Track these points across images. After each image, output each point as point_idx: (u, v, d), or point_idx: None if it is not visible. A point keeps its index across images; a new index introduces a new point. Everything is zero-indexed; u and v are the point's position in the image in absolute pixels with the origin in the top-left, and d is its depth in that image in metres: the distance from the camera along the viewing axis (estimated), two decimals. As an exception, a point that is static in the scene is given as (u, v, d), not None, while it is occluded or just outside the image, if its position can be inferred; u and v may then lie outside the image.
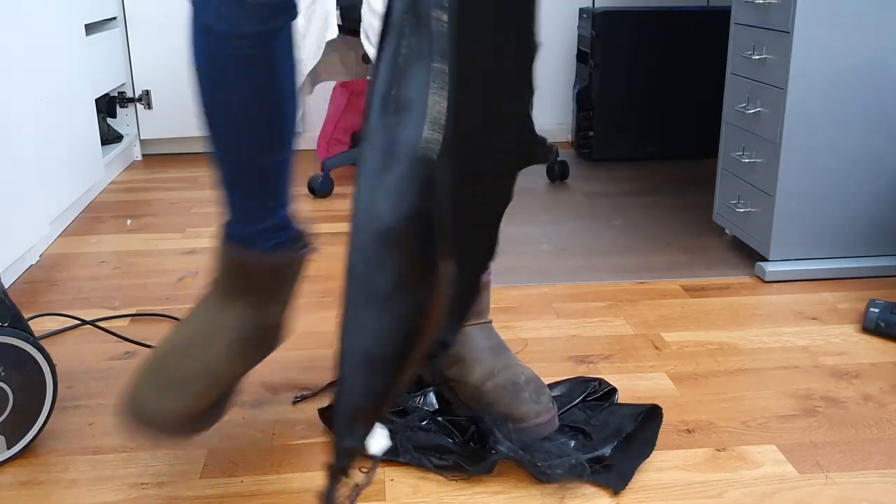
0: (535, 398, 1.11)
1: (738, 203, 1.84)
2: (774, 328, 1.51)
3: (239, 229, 1.00)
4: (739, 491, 1.05)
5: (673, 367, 1.37)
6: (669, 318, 1.56)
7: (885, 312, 1.46)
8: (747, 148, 1.80)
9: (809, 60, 1.61)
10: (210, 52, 0.90)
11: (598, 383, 1.25)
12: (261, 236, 1.00)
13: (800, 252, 1.73)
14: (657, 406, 1.18)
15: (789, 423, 1.20)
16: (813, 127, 1.65)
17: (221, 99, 0.92)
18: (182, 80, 2.80)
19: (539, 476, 1.06)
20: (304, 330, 1.52)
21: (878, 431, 1.18)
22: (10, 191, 1.70)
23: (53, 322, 1.56)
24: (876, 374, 1.34)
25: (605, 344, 1.45)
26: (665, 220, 2.13)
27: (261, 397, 1.29)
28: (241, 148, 0.95)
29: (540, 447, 1.10)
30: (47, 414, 1.14)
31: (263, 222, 1.00)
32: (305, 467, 1.11)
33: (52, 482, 1.08)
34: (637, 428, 1.14)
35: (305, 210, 2.27)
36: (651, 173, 2.58)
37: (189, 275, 1.80)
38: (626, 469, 1.08)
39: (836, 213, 1.71)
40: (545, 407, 1.11)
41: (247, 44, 0.88)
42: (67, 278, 1.79)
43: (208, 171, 2.71)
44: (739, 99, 1.83)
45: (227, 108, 0.93)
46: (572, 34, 2.96)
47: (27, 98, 1.83)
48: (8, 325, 1.10)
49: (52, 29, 2.04)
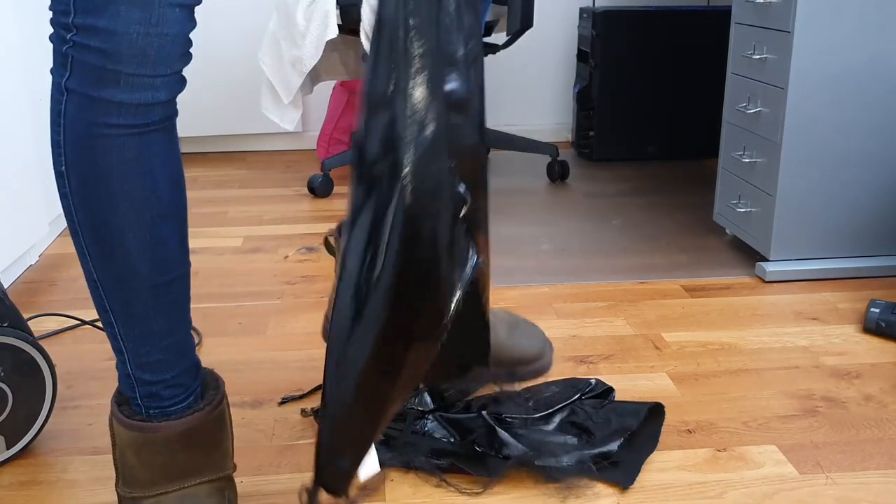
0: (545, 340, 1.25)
1: (739, 203, 1.84)
2: (775, 328, 1.51)
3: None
4: (740, 491, 1.05)
5: (673, 367, 1.37)
6: (670, 318, 1.56)
7: (886, 312, 1.46)
8: (747, 148, 1.80)
9: (809, 60, 1.61)
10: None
11: (595, 383, 1.25)
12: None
13: (800, 252, 1.73)
14: (660, 404, 1.18)
15: (790, 424, 1.20)
16: (813, 127, 1.65)
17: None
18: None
19: (545, 476, 1.06)
20: (303, 330, 1.52)
21: (879, 431, 1.18)
22: (10, 191, 1.70)
23: (53, 322, 1.56)
24: (876, 374, 1.34)
25: (606, 344, 1.45)
26: (665, 220, 2.13)
27: (261, 397, 1.29)
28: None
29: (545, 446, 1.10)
30: (47, 414, 1.14)
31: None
32: (305, 467, 1.11)
33: (52, 482, 1.08)
34: (641, 425, 1.14)
35: (305, 210, 2.27)
36: (651, 173, 2.58)
37: (189, 275, 1.80)
38: (632, 465, 1.08)
39: (836, 213, 1.71)
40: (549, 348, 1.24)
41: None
42: (67, 278, 1.79)
43: (207, 170, 2.71)
44: (740, 99, 1.83)
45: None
46: (572, 34, 2.96)
47: (27, 97, 1.83)
48: (8, 326, 1.10)
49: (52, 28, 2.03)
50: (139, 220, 0.81)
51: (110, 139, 0.78)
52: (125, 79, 0.76)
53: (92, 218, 0.81)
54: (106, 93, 0.76)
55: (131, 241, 0.82)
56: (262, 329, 1.53)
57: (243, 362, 1.39)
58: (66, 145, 0.79)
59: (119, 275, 0.83)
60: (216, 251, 1.95)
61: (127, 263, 0.82)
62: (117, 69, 0.75)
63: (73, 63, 0.77)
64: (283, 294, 1.69)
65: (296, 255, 1.92)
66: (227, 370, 1.37)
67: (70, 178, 0.80)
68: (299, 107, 2.26)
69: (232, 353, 1.43)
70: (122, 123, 0.78)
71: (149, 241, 0.82)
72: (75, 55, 0.76)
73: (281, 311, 1.60)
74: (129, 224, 0.81)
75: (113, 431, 0.89)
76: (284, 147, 3.00)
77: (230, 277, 1.78)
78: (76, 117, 0.78)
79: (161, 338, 0.87)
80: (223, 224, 2.15)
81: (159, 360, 0.88)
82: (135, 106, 0.77)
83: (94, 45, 0.75)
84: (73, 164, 0.79)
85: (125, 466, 0.89)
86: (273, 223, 2.16)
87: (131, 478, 0.89)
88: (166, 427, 0.87)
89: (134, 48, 0.75)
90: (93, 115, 0.77)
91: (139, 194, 0.80)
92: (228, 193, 2.44)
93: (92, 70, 0.76)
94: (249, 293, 1.69)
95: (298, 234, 2.07)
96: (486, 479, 1.07)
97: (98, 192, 0.80)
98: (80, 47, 0.76)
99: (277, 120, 2.26)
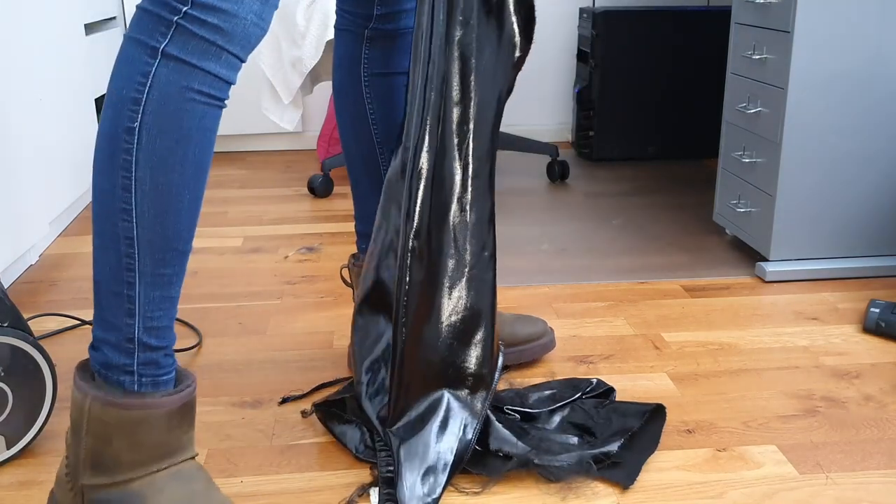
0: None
1: (739, 203, 1.84)
2: (775, 328, 1.51)
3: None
4: (740, 491, 1.05)
5: (673, 367, 1.37)
6: (670, 318, 1.56)
7: (886, 312, 1.46)
8: (747, 148, 1.80)
9: (809, 60, 1.61)
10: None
11: (596, 382, 1.25)
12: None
13: (800, 252, 1.73)
14: (661, 405, 1.18)
15: (790, 424, 1.20)
16: (813, 127, 1.65)
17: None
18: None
19: (545, 475, 1.06)
20: (303, 330, 1.52)
21: (879, 432, 1.18)
22: (10, 191, 1.70)
23: (53, 322, 1.56)
24: (876, 374, 1.34)
25: (606, 344, 1.45)
26: (665, 220, 2.13)
27: (261, 397, 1.29)
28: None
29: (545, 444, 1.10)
30: (47, 414, 1.14)
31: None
32: (305, 467, 1.11)
33: (51, 482, 1.08)
34: (642, 426, 1.14)
35: (306, 210, 2.27)
36: (651, 173, 2.58)
37: (189, 275, 1.80)
38: (633, 465, 1.08)
39: (836, 213, 1.71)
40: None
41: None
42: (67, 278, 1.79)
43: (208, 170, 2.71)
44: (739, 99, 1.83)
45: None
46: (572, 34, 2.96)
47: (27, 98, 1.83)
48: (8, 325, 1.10)
49: (51, 29, 2.04)
50: (196, 184, 0.88)
51: (197, 105, 0.85)
52: (226, 56, 0.85)
53: (155, 175, 0.85)
54: (207, 64, 0.84)
55: (186, 202, 0.87)
56: (262, 329, 1.53)
57: (243, 362, 1.39)
58: (148, 104, 0.84)
59: (164, 233, 0.87)
60: (216, 251, 1.95)
61: (175, 223, 0.87)
62: (225, 47, 0.84)
63: (179, 32, 0.83)
64: (283, 294, 1.69)
65: (296, 255, 1.92)
66: (227, 370, 1.37)
67: (141, 135, 0.84)
68: (299, 107, 2.26)
69: (232, 353, 1.43)
70: (212, 94, 0.86)
71: (195, 206, 0.89)
72: (186, 26, 0.83)
73: (281, 311, 1.60)
74: (189, 186, 0.87)
75: (88, 418, 0.88)
76: (284, 147, 3.00)
77: (230, 277, 1.78)
78: (169, 80, 0.84)
79: (173, 304, 0.91)
80: (223, 224, 2.15)
81: (166, 327, 0.91)
82: (223, 81, 0.86)
83: (213, 21, 0.83)
84: (151, 122, 0.84)
85: (105, 453, 0.88)
86: (273, 223, 2.16)
87: (113, 463, 0.88)
88: (168, 401, 0.88)
89: (244, 32, 0.85)
90: (189, 80, 0.84)
91: (204, 161, 0.88)
92: (228, 193, 2.44)
93: (200, 42, 0.83)
94: (249, 293, 1.69)
95: (298, 234, 2.07)
96: (485, 478, 1.07)
97: (172, 151, 0.85)
98: (193, 20, 0.83)
99: (277, 120, 2.26)
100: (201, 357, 1.42)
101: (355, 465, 1.11)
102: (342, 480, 1.08)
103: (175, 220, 0.87)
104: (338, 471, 1.10)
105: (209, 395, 1.29)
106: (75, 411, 0.89)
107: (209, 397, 1.29)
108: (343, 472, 1.09)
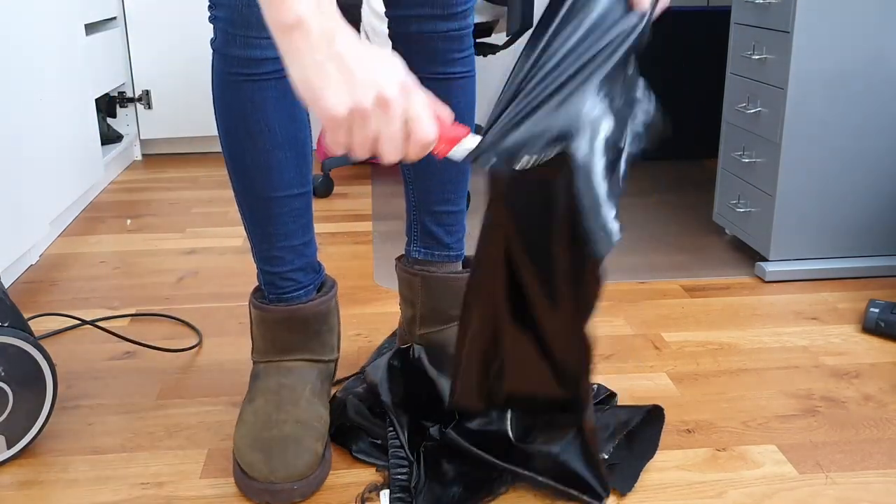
0: None
1: (738, 203, 1.84)
2: (774, 328, 1.51)
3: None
4: (739, 491, 1.05)
5: (673, 367, 1.37)
6: (669, 318, 1.56)
7: (885, 312, 1.46)
8: (747, 148, 1.80)
9: (809, 60, 1.61)
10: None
11: (597, 388, 1.25)
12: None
13: (800, 252, 1.73)
14: (659, 406, 1.18)
15: (789, 423, 1.20)
16: (813, 127, 1.65)
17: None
18: (182, 80, 2.80)
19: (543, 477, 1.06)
20: (304, 330, 1.52)
21: (879, 431, 1.18)
22: (10, 191, 1.70)
23: (53, 322, 1.56)
24: (876, 374, 1.35)
25: (605, 344, 1.45)
26: (665, 220, 2.13)
27: (261, 397, 1.29)
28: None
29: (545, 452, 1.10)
30: (47, 414, 1.14)
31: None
32: (305, 467, 1.11)
33: (52, 482, 1.08)
34: (639, 428, 1.14)
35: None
36: (651, 173, 2.58)
37: (189, 275, 1.80)
38: (631, 470, 1.07)
39: (836, 213, 1.71)
40: None
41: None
42: (67, 278, 1.79)
43: (208, 170, 2.71)
44: (739, 99, 1.83)
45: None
46: (572, 34, 2.96)
47: (27, 98, 1.83)
48: (8, 325, 1.10)
49: (51, 28, 2.04)
50: (255, 147, 1.05)
51: (234, 84, 1.02)
52: (241, 39, 0.99)
53: (226, 141, 1.07)
54: (232, 50, 1.01)
55: (249, 162, 1.06)
56: (262, 329, 1.53)
57: (243, 362, 1.39)
58: (214, 90, 1.06)
59: (244, 186, 1.09)
60: (216, 251, 1.95)
61: (246, 178, 1.08)
62: (235, 32, 0.99)
63: (216, 29, 1.02)
64: (283, 294, 1.69)
65: (296, 255, 1.92)
66: (227, 370, 1.37)
67: (217, 113, 1.07)
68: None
69: (232, 353, 1.43)
70: (242, 72, 1.01)
71: (263, 163, 1.06)
72: (215, 24, 1.02)
73: (281, 311, 1.60)
74: (247, 149, 1.06)
75: (250, 312, 1.16)
76: (284, 147, 2.99)
77: (230, 277, 1.78)
78: (218, 69, 1.04)
79: (278, 239, 1.11)
80: (223, 224, 2.15)
81: (276, 257, 1.12)
82: (248, 60, 1.00)
83: (221, 15, 1.00)
84: (215, 102, 1.06)
85: (254, 338, 1.16)
86: (273, 223, 2.15)
87: (257, 346, 1.16)
88: (274, 310, 1.13)
89: (241, 17, 0.98)
90: (227, 66, 1.02)
91: (254, 127, 1.04)
92: (228, 193, 2.44)
93: (222, 33, 1.01)
94: (249, 293, 1.69)
95: (298, 234, 2.07)
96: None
97: (229, 122, 1.05)
98: (215, 18, 1.01)
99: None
100: (201, 357, 1.43)
101: (355, 465, 1.11)
102: (342, 480, 1.08)
103: (244, 175, 1.08)
104: (338, 471, 1.10)
105: (209, 395, 1.29)
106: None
107: (209, 397, 1.29)
108: (343, 472, 1.09)
